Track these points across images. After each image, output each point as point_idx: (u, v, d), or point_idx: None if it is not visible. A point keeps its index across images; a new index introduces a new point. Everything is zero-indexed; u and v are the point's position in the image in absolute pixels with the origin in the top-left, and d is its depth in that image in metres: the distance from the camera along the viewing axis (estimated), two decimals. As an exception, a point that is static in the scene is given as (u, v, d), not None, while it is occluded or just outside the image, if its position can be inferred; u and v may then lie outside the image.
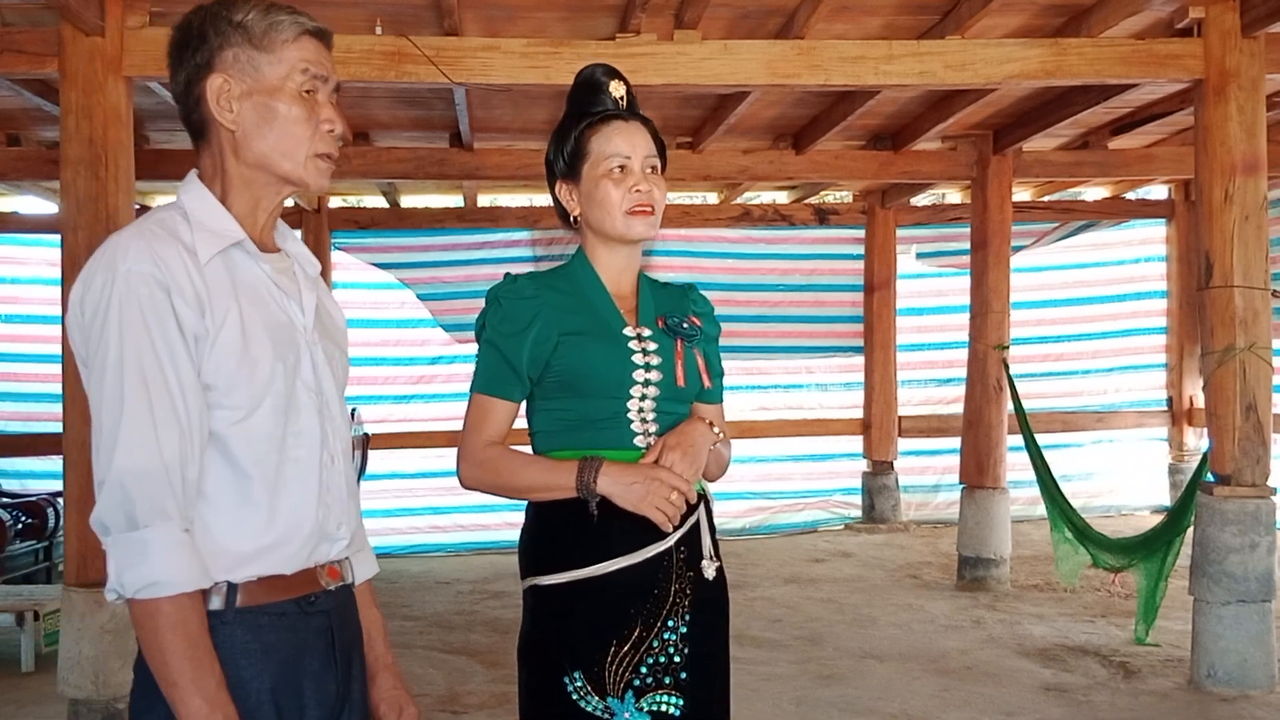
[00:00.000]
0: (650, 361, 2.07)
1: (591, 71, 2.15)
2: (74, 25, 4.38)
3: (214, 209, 1.63)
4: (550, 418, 2.07)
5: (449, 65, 4.70)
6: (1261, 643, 4.84)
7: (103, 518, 1.51)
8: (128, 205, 4.56)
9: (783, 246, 9.43)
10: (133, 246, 1.53)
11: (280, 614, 1.60)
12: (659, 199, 2.09)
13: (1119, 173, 7.93)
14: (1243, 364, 4.82)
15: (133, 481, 1.49)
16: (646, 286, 2.19)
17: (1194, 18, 4.86)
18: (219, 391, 1.56)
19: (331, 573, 1.68)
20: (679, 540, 2.04)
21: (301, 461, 1.63)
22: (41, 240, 8.35)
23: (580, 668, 1.98)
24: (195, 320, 1.54)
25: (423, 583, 7.45)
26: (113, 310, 1.51)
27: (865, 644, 5.84)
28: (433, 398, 8.93)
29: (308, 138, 1.65)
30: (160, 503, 1.49)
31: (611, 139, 2.08)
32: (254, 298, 1.62)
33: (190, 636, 1.49)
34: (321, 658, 1.65)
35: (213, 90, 1.62)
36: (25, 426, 8.46)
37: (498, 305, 2.08)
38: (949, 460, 8.45)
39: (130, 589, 1.49)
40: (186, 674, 1.48)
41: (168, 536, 1.49)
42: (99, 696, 4.38)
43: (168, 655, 1.49)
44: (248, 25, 1.63)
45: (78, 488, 4.44)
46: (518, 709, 2.10)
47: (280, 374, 1.61)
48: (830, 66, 4.95)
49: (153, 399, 1.50)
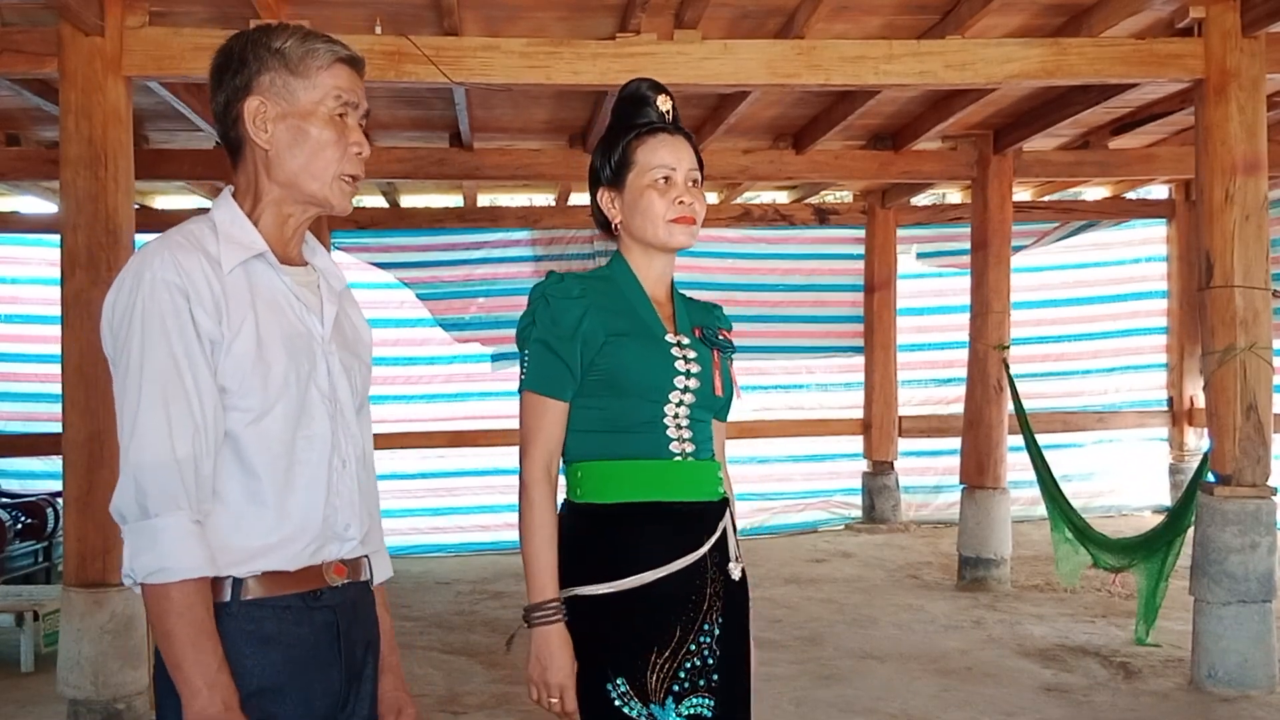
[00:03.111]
0: (691, 369, 2.12)
1: (638, 86, 2.22)
2: (73, 25, 4.37)
3: (241, 222, 1.74)
4: (588, 416, 2.10)
5: (449, 65, 4.70)
6: (1262, 643, 4.84)
7: (120, 507, 1.61)
8: (127, 205, 4.56)
9: (783, 246, 9.43)
10: (158, 256, 1.64)
11: (284, 607, 1.68)
12: (700, 211, 2.17)
13: (1119, 173, 7.93)
14: (1243, 364, 4.82)
15: (146, 474, 1.59)
16: (680, 297, 2.25)
17: (1194, 17, 4.86)
18: (233, 393, 1.66)
19: (339, 570, 1.75)
20: (712, 546, 2.09)
21: (311, 464, 1.72)
22: (41, 240, 8.34)
23: (623, 674, 2.03)
24: (212, 326, 1.64)
25: (423, 583, 7.45)
26: (136, 315, 1.62)
27: (865, 644, 5.84)
28: (433, 398, 8.94)
29: (336, 159, 1.76)
30: (172, 494, 1.59)
31: (657, 151, 2.15)
32: (272, 307, 1.72)
33: (195, 621, 1.58)
34: (327, 650, 1.72)
35: (250, 111, 1.73)
36: (25, 426, 8.46)
37: (546, 304, 2.10)
38: (949, 460, 8.44)
39: (141, 574, 1.59)
40: (189, 656, 1.57)
41: (178, 525, 1.59)
42: (98, 696, 4.38)
43: (173, 638, 1.58)
44: (285, 52, 1.74)
45: (77, 488, 4.43)
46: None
47: (294, 380, 1.70)
48: (830, 66, 4.94)
49: (169, 398, 1.61)
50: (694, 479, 2.12)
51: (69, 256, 4.47)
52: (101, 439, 4.37)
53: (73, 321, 4.45)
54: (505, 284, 8.93)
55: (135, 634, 4.46)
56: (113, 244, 4.45)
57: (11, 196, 8.74)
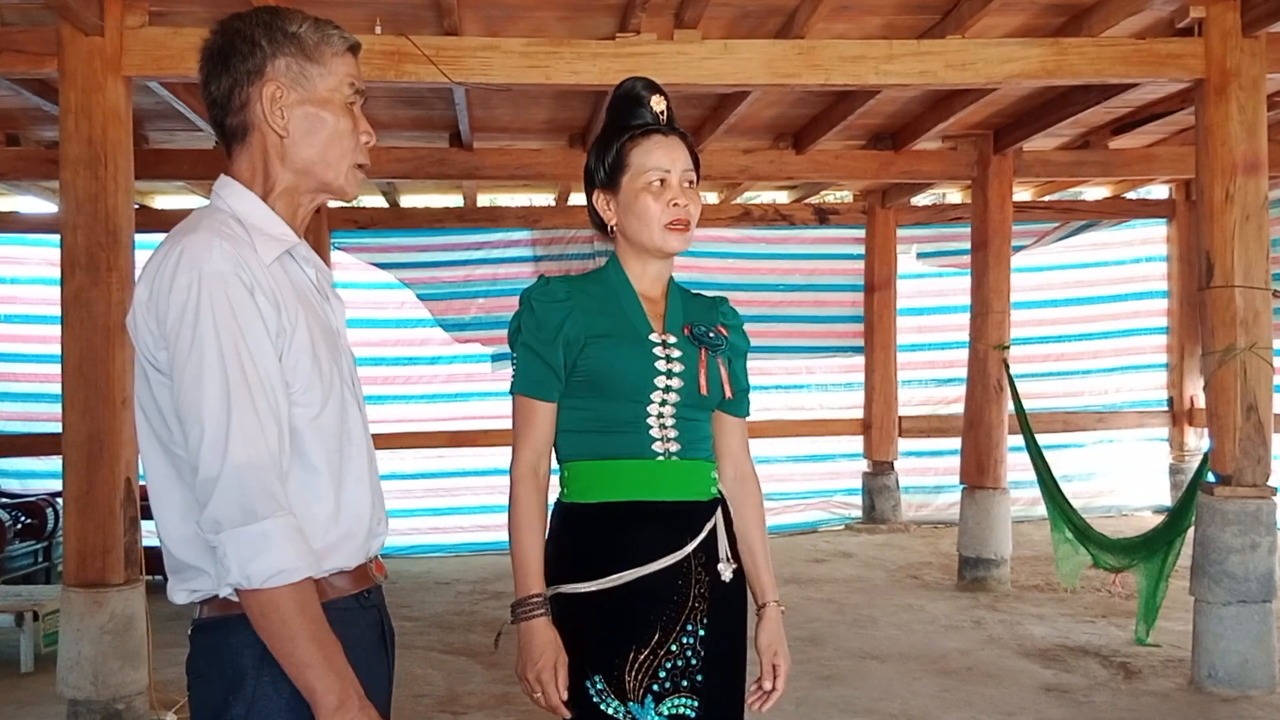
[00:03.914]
0: (673, 368, 2.11)
1: (632, 85, 2.19)
2: (73, 25, 4.37)
3: (265, 213, 1.68)
4: (575, 416, 2.12)
5: (448, 65, 4.70)
6: (1262, 643, 4.84)
7: (217, 514, 1.52)
8: (127, 205, 4.56)
9: (783, 246, 9.43)
10: (212, 249, 1.56)
11: (344, 609, 1.65)
12: (695, 213, 2.15)
13: (1119, 172, 7.93)
14: (1243, 364, 4.82)
15: (250, 476, 1.52)
16: (677, 294, 2.23)
17: (1195, 17, 4.86)
18: (296, 389, 1.62)
19: (378, 567, 1.75)
20: (697, 546, 2.09)
21: (354, 459, 1.70)
22: (41, 240, 8.35)
23: (600, 671, 2.03)
24: (275, 318, 1.59)
25: (423, 583, 7.44)
26: (204, 310, 1.53)
27: (865, 644, 5.84)
28: (432, 398, 8.93)
29: (352, 148, 1.74)
30: (275, 494, 1.54)
31: (652, 153, 2.12)
32: (305, 301, 1.68)
33: (316, 618, 1.54)
34: (379, 650, 1.73)
35: (267, 97, 1.67)
36: (25, 426, 8.46)
37: (530, 309, 2.12)
38: (949, 460, 8.43)
39: (258, 579, 1.51)
40: (317, 654, 1.53)
41: (286, 526, 1.54)
42: (98, 697, 4.38)
43: (298, 639, 1.52)
44: (301, 36, 1.69)
45: (77, 488, 4.43)
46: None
47: (335, 375, 1.68)
48: (830, 66, 4.94)
49: (253, 395, 1.54)
50: (680, 478, 2.10)
51: (69, 256, 4.47)
52: (101, 439, 4.37)
53: (72, 321, 4.45)
54: (505, 284, 8.93)
55: (135, 634, 4.46)
56: (112, 244, 4.45)
57: (11, 196, 8.74)
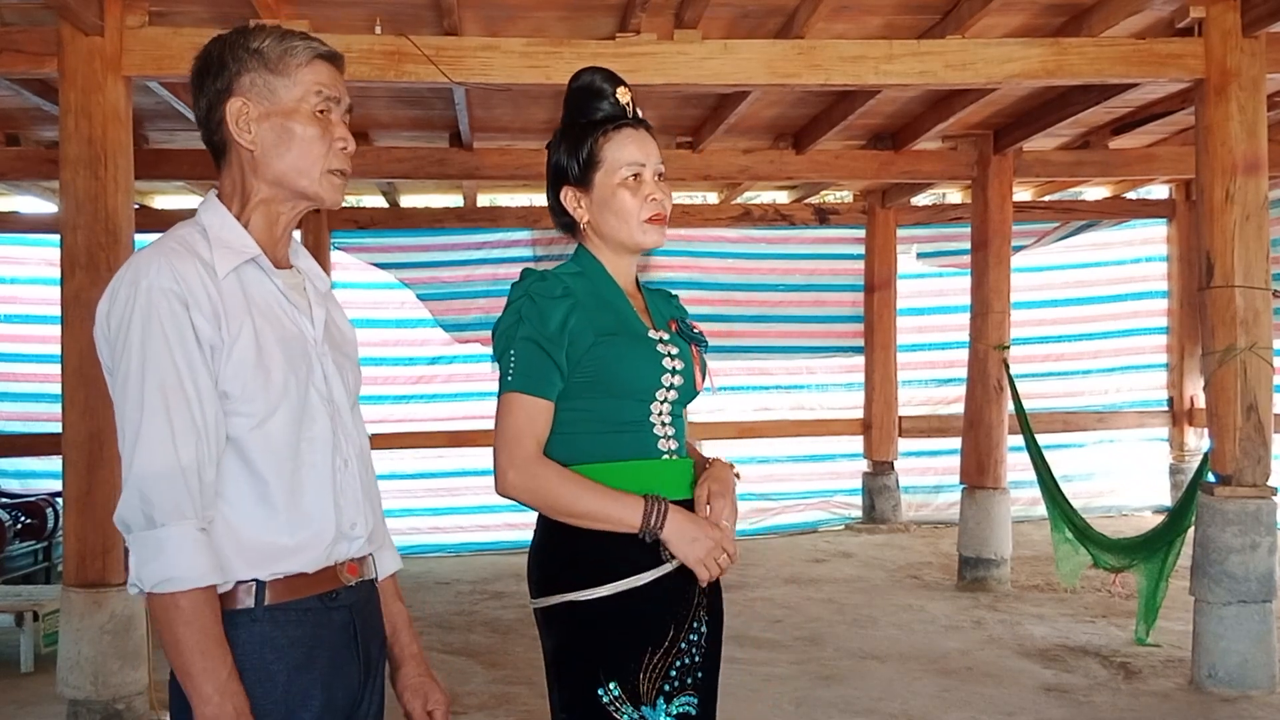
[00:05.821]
0: (676, 366, 2.09)
1: (591, 78, 2.13)
2: (73, 25, 4.37)
3: (232, 226, 1.74)
4: (574, 417, 2.03)
5: (448, 65, 4.70)
6: (1262, 643, 4.84)
7: (124, 516, 1.62)
8: (127, 205, 4.56)
9: (783, 246, 9.42)
10: (154, 263, 1.64)
11: (305, 610, 1.70)
12: (669, 206, 2.13)
13: (1119, 172, 7.93)
14: (1243, 364, 4.82)
15: (151, 483, 1.59)
16: (646, 291, 2.21)
17: (1194, 17, 4.86)
18: (235, 399, 1.66)
19: (351, 569, 1.78)
20: None
21: (317, 466, 1.74)
22: (41, 240, 8.34)
23: (616, 678, 1.98)
24: (211, 332, 1.64)
25: (423, 583, 7.44)
26: (135, 323, 1.62)
27: (865, 644, 5.84)
28: (432, 398, 8.93)
29: (322, 155, 1.76)
30: (177, 503, 1.59)
31: (625, 147, 2.09)
32: (266, 311, 1.72)
33: (204, 629, 1.59)
34: (344, 650, 1.76)
35: (232, 113, 1.73)
36: (25, 426, 8.46)
37: (532, 302, 2.05)
38: (949, 460, 8.43)
39: (148, 583, 1.59)
40: (198, 664, 1.58)
41: (183, 535, 1.59)
42: (98, 697, 4.38)
43: (182, 646, 1.58)
44: (264, 51, 1.74)
45: (77, 488, 4.43)
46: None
47: (293, 384, 1.72)
48: (830, 66, 4.94)
49: (171, 406, 1.61)
50: (680, 477, 2.09)
51: (69, 256, 4.47)
52: (101, 439, 4.37)
53: (72, 321, 4.45)
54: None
55: (135, 634, 4.46)
56: (112, 244, 4.45)
57: (11, 196, 8.74)
